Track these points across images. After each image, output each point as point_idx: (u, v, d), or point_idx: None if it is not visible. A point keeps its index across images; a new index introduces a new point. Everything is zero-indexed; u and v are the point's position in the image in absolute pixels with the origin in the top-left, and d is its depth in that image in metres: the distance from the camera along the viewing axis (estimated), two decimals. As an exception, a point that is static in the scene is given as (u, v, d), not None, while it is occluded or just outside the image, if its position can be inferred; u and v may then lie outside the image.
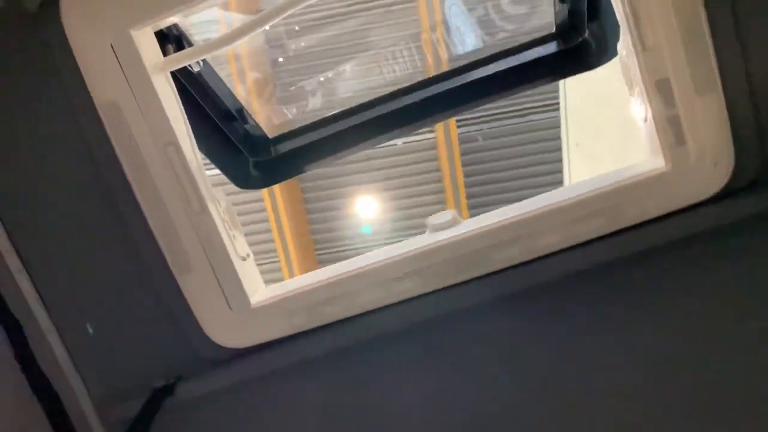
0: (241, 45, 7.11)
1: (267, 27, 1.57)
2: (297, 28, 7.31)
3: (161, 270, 1.67)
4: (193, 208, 1.63)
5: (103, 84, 1.53)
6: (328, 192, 8.39)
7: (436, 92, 2.14)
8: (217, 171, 2.19)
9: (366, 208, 8.44)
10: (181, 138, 1.61)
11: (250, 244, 1.84)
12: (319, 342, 1.70)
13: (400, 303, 1.68)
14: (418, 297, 1.68)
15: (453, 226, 1.73)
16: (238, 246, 1.73)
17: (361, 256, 1.75)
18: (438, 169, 8.41)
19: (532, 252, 1.64)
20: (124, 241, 1.69)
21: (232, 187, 2.25)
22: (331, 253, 8.66)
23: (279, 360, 1.71)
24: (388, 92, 2.17)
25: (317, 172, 8.17)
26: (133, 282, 1.72)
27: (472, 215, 1.88)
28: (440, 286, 1.67)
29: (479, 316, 1.69)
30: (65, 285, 1.73)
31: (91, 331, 1.75)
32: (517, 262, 1.65)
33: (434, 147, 8.31)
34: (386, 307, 1.68)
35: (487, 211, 1.76)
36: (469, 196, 8.48)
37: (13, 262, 1.68)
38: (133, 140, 1.58)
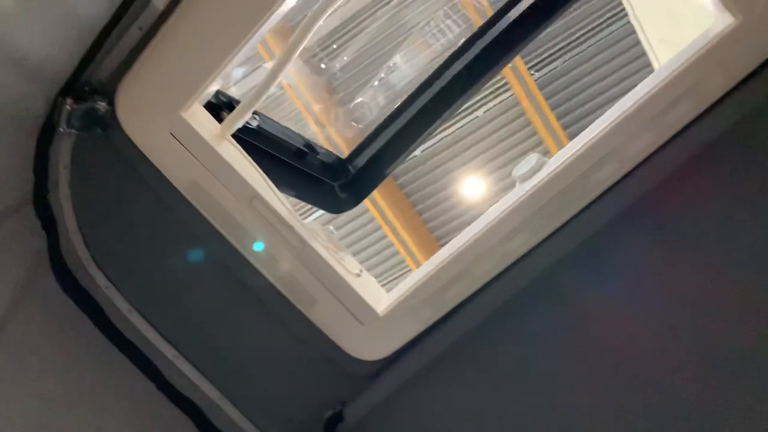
0: (299, 84, 7.33)
1: (293, 59, 1.62)
2: (335, 46, 7.43)
3: (289, 311, 1.77)
4: (295, 247, 1.72)
5: (177, 170, 1.66)
6: (432, 187, 8.38)
7: (484, 45, 2.09)
8: (319, 212, 2.28)
9: (473, 188, 8.33)
10: (262, 190, 1.71)
11: (376, 265, 1.89)
12: (453, 328, 1.70)
13: (516, 263, 1.65)
14: (532, 251, 1.64)
15: (540, 169, 1.68)
16: (348, 266, 1.79)
17: (460, 233, 1.74)
18: (529, 123, 8.15)
19: (629, 162, 1.55)
20: (251, 299, 1.80)
21: (341, 218, 2.32)
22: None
23: (423, 357, 1.73)
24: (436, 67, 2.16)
25: (414, 171, 8.21)
26: (271, 331, 1.83)
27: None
28: (549, 232, 1.62)
29: (600, 248, 1.61)
30: (217, 357, 1.88)
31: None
32: (619, 176, 1.56)
33: (516, 103, 8.06)
34: (503, 271, 1.65)
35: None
36: (570, 137, 8.11)
37: (169, 351, 1.86)
38: (221, 208, 1.69)
